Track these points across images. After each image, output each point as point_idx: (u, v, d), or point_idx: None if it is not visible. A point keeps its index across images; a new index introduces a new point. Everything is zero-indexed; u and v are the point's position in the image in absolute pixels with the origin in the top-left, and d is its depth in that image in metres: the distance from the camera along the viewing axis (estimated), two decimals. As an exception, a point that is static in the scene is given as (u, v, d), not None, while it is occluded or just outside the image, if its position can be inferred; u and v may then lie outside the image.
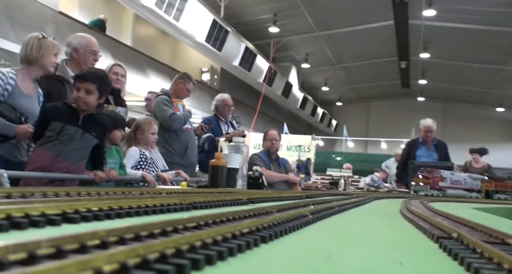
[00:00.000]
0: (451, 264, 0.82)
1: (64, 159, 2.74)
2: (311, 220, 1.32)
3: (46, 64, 2.98)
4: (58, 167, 2.72)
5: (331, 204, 1.88)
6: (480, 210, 3.09)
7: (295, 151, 12.51)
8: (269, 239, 0.92)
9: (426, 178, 4.82)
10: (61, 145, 2.72)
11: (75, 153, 2.80)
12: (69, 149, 2.75)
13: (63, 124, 2.72)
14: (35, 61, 2.95)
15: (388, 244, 1.07)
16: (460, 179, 5.21)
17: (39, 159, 2.72)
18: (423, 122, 6.52)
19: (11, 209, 0.86)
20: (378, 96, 27.63)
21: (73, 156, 2.79)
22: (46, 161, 2.70)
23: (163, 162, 4.03)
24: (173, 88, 4.97)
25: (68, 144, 2.74)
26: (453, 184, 5.06)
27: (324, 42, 18.06)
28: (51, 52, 3.00)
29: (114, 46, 10.91)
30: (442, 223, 1.26)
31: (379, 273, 0.71)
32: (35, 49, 2.94)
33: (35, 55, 2.94)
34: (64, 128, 2.72)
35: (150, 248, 0.58)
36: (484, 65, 18.99)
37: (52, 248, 0.55)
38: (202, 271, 0.62)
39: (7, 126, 2.78)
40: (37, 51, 2.94)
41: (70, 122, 2.74)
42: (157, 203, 1.32)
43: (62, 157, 2.73)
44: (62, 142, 2.72)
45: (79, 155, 2.84)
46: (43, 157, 2.71)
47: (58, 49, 3.10)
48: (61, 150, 2.72)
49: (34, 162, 2.72)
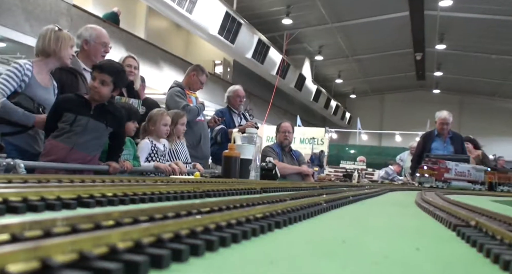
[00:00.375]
0: (469, 250, 0.80)
1: (79, 151, 2.77)
2: (325, 208, 1.31)
3: (63, 56, 3.02)
4: (74, 158, 2.75)
5: (345, 194, 1.87)
6: (500, 202, 3.03)
7: (308, 144, 12.46)
8: (283, 225, 0.91)
9: (432, 169, 4.67)
10: (75, 136, 2.75)
11: (90, 144, 2.82)
12: (83, 140, 2.78)
13: (75, 115, 2.74)
14: (52, 54, 2.99)
15: (403, 232, 1.06)
16: (464, 171, 5.05)
17: (54, 151, 2.75)
18: (439, 114, 6.42)
19: (28, 192, 0.87)
20: (392, 89, 27.29)
21: (88, 147, 2.81)
22: (62, 153, 2.73)
23: (187, 155, 4.03)
24: (186, 80, 4.98)
25: (82, 135, 2.76)
26: (458, 176, 4.91)
27: (337, 33, 17.86)
28: (68, 45, 3.04)
29: (127, 39, 10.96)
30: (460, 212, 1.24)
31: (396, 257, 0.70)
32: (53, 41, 2.97)
33: (53, 47, 2.98)
34: (76, 119, 2.74)
35: (165, 228, 0.58)
36: (502, 56, 18.56)
37: (67, 226, 0.55)
38: (216, 252, 0.61)
39: (26, 116, 2.83)
40: (54, 44, 2.98)
41: (81, 113, 2.77)
42: (170, 190, 1.32)
43: (77, 149, 2.76)
44: (76, 133, 2.75)
45: (94, 146, 2.86)
46: (58, 149, 2.74)
47: (74, 42, 3.14)
48: (76, 142, 2.75)
49: (49, 154, 2.75)
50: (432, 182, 4.64)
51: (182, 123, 3.95)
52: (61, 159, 2.71)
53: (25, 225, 0.49)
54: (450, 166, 4.84)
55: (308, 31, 17.89)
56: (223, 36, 12.64)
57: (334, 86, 25.26)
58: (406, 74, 23.69)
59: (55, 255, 0.40)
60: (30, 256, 0.38)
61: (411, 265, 0.65)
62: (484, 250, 0.75)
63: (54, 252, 0.40)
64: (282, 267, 0.56)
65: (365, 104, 28.70)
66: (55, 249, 0.40)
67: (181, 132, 3.93)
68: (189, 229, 0.63)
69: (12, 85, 2.84)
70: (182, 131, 3.95)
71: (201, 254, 0.58)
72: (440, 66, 21.72)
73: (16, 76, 2.85)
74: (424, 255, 0.74)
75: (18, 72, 2.85)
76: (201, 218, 0.67)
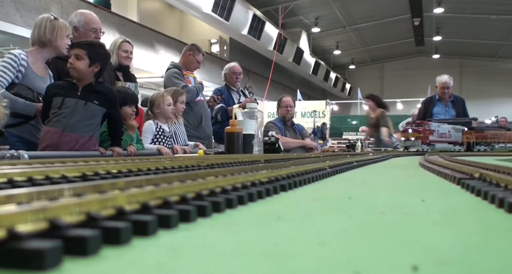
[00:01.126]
0: (474, 199, 0.81)
1: (71, 132, 2.74)
2: (329, 173, 1.32)
3: (59, 45, 2.98)
4: (67, 141, 2.72)
5: (349, 159, 1.88)
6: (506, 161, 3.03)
7: (310, 117, 12.43)
8: (289, 188, 0.92)
9: (418, 132, 4.45)
10: (65, 118, 2.72)
11: (81, 125, 2.78)
12: (74, 121, 2.75)
13: (62, 98, 2.73)
14: (48, 43, 2.94)
15: (408, 188, 1.07)
16: (445, 132, 4.88)
17: (47, 137, 2.73)
18: (439, 79, 6.35)
19: (33, 172, 0.88)
20: (391, 57, 26.98)
21: (79, 128, 2.77)
22: (54, 137, 2.70)
23: (185, 137, 4.02)
24: (183, 61, 4.92)
25: (71, 116, 2.73)
26: (440, 137, 4.73)
27: (333, 3, 17.52)
28: (64, 34, 2.99)
29: (121, 23, 10.80)
30: (464, 167, 1.24)
31: (401, 208, 0.70)
32: (48, 30, 2.92)
33: (49, 37, 2.93)
34: (64, 101, 2.72)
35: (171, 191, 0.58)
36: (501, 16, 18.22)
37: (74, 196, 0.56)
38: (223, 213, 0.62)
39: (27, 105, 2.81)
40: (50, 33, 2.93)
41: (69, 95, 2.74)
42: (175, 165, 1.33)
43: (68, 131, 2.73)
44: (65, 116, 2.72)
45: (87, 126, 2.82)
46: (51, 134, 2.72)
47: (70, 31, 3.09)
48: (66, 124, 2.73)
49: (43, 141, 2.74)
50: (419, 145, 4.45)
51: (182, 101, 3.91)
52: (54, 144, 2.68)
53: (32, 195, 0.49)
54: (434, 128, 4.63)
55: (304, 3, 17.55)
56: (217, 13, 12.43)
57: (332, 57, 24.98)
58: (405, 41, 23.36)
59: (63, 217, 0.41)
60: (39, 217, 0.38)
61: (417, 214, 0.66)
62: (488, 197, 0.75)
63: (61, 213, 0.41)
64: (291, 222, 0.57)
65: (364, 74, 28.45)
66: (62, 211, 0.41)
67: (180, 110, 3.91)
68: (195, 193, 0.63)
69: (9, 76, 2.82)
70: (181, 109, 3.92)
71: (209, 215, 0.59)
72: (438, 30, 21.37)
73: (12, 66, 2.82)
74: (429, 205, 0.74)
75: (14, 63, 2.82)
76: (206, 181, 0.67)
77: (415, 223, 0.58)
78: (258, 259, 0.38)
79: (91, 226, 0.41)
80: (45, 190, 0.52)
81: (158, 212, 0.50)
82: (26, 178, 0.85)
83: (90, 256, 0.37)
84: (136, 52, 4.29)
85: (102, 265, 0.36)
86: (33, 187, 0.69)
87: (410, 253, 0.41)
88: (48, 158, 2.73)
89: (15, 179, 0.82)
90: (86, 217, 0.43)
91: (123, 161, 1.57)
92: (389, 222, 0.58)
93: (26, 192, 0.49)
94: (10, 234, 0.35)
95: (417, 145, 4.47)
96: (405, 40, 23.45)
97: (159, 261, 0.37)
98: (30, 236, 0.36)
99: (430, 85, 12.79)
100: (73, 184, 0.82)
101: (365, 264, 0.37)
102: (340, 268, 0.36)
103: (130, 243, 0.43)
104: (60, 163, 1.33)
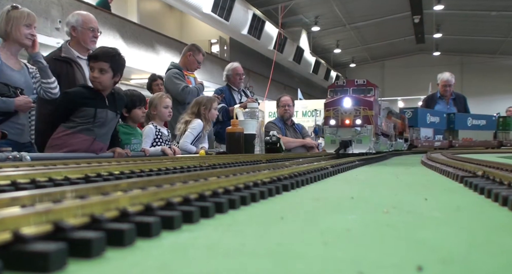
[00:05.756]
0: (477, 197, 0.81)
1: (100, 142, 2.82)
2: (332, 172, 1.32)
3: (18, 37, 2.73)
4: (96, 148, 2.80)
5: (351, 159, 1.87)
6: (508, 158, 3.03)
7: (311, 116, 12.43)
8: (291, 188, 0.92)
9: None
10: (97, 128, 2.79)
11: (108, 134, 2.88)
12: (104, 132, 2.83)
13: (94, 109, 2.76)
14: (7, 36, 2.82)
15: (411, 187, 1.06)
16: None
17: (77, 142, 2.78)
18: (441, 76, 6.32)
19: (35, 174, 0.88)
20: (392, 54, 26.92)
21: (107, 138, 2.88)
22: (85, 144, 2.77)
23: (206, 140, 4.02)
24: (183, 61, 4.92)
25: (103, 126, 2.81)
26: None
27: (333, 1, 17.50)
28: (21, 23, 2.73)
29: (121, 25, 10.80)
30: (466, 165, 1.24)
31: (404, 207, 0.70)
32: (4, 23, 2.76)
33: (5, 29, 2.76)
34: (96, 112, 2.77)
35: (173, 192, 0.58)
36: (501, 12, 18.17)
37: (77, 198, 0.56)
38: (226, 214, 0.62)
39: (4, 102, 2.71)
40: (6, 25, 2.76)
41: (99, 106, 2.79)
42: (177, 166, 1.33)
43: (98, 140, 2.81)
44: (98, 126, 2.79)
45: (109, 135, 2.92)
46: (82, 140, 2.78)
47: (31, 19, 2.80)
48: (98, 133, 2.79)
49: (71, 145, 2.78)
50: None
51: (215, 107, 3.87)
52: (83, 150, 2.76)
53: (36, 197, 0.50)
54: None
55: (303, 2, 17.51)
56: (217, 13, 12.42)
57: (333, 56, 24.94)
58: (405, 39, 23.30)
59: (67, 219, 0.41)
60: (43, 220, 0.38)
61: (420, 212, 0.65)
62: (492, 195, 0.75)
63: (65, 215, 0.41)
64: (294, 222, 0.57)
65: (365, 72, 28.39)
66: (66, 213, 0.41)
67: (214, 116, 3.87)
68: (198, 193, 0.63)
69: None
70: (215, 115, 3.87)
71: (211, 216, 0.59)
72: (439, 27, 21.31)
73: None
74: (432, 204, 0.74)
75: None
76: (209, 182, 0.67)
77: (419, 222, 0.58)
78: (261, 260, 0.38)
79: (94, 228, 0.41)
80: (48, 192, 0.52)
81: (161, 214, 0.51)
82: (29, 180, 0.85)
83: (95, 258, 0.38)
84: (137, 52, 4.30)
85: (106, 267, 0.36)
86: (36, 189, 0.69)
87: (413, 252, 0.41)
88: (50, 160, 2.74)
89: (18, 181, 0.82)
90: (89, 219, 0.43)
91: (125, 163, 1.57)
92: (392, 221, 0.58)
93: (30, 194, 0.49)
94: (15, 236, 0.35)
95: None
96: (405, 37, 23.40)
97: (163, 262, 0.38)
98: (35, 239, 0.36)
99: (431, 82, 12.77)
100: (76, 186, 0.83)
101: (369, 264, 0.37)
102: (344, 268, 0.36)
103: (134, 244, 0.43)
104: (63, 164, 1.34)
